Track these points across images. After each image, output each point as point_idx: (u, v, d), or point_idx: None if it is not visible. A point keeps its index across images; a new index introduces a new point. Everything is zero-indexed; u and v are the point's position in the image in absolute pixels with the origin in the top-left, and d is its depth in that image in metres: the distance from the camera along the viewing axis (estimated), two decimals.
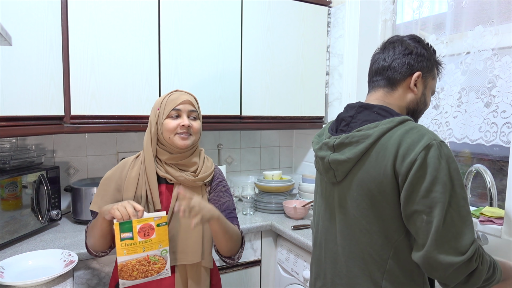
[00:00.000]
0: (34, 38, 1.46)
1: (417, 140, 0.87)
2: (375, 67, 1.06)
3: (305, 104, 2.18)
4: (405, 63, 1.01)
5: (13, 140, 1.80)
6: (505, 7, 1.47)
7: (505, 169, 1.55)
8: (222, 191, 1.34)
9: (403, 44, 1.03)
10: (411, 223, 0.88)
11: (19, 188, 1.53)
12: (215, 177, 1.35)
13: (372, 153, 0.92)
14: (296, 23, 2.09)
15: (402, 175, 0.87)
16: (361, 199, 0.95)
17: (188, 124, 1.22)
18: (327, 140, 1.03)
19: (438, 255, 0.83)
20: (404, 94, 1.02)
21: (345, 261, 1.01)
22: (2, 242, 1.45)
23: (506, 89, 1.42)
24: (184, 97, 1.24)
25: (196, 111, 1.26)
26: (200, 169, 1.28)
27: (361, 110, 1.01)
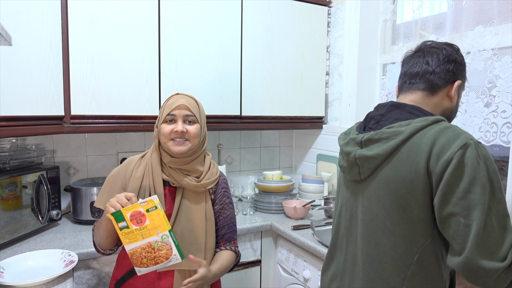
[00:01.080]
0: (34, 38, 1.46)
1: (453, 138, 0.84)
2: (415, 70, 1.02)
3: (305, 104, 2.18)
4: (449, 70, 0.99)
5: (13, 140, 1.80)
6: (505, 7, 1.47)
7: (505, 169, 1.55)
8: (227, 202, 1.32)
9: (444, 51, 1.01)
10: (447, 226, 0.84)
11: (19, 188, 1.53)
12: (220, 185, 1.32)
13: (403, 150, 0.89)
14: (296, 23, 2.09)
15: (437, 174, 0.83)
16: (387, 199, 0.91)
17: (181, 129, 1.17)
18: (354, 136, 1.01)
19: (480, 261, 0.79)
20: (441, 101, 1.00)
21: (362, 264, 0.97)
22: (2, 242, 1.45)
23: (506, 89, 1.42)
24: (180, 101, 1.20)
25: (193, 115, 1.20)
26: (204, 175, 1.25)
27: (392, 109, 0.98)
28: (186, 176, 1.22)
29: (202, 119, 1.25)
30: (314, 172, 2.35)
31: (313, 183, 2.16)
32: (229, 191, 1.36)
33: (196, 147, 1.23)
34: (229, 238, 1.32)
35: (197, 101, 1.26)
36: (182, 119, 1.19)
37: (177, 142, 1.18)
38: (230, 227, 1.32)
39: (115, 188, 1.23)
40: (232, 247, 1.31)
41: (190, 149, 1.21)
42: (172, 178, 1.22)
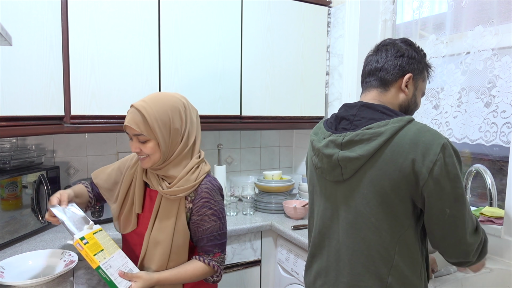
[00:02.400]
0: (34, 38, 1.46)
1: (431, 139, 0.92)
2: (368, 68, 1.10)
3: (305, 104, 2.18)
4: (397, 65, 1.05)
5: (13, 140, 1.80)
6: (505, 7, 1.47)
7: (505, 169, 1.55)
8: (207, 214, 1.19)
9: (395, 47, 1.07)
10: (435, 217, 0.93)
11: (19, 188, 1.53)
12: (200, 194, 1.19)
13: (386, 151, 0.94)
14: (296, 23, 2.09)
15: (424, 174, 0.90)
16: (371, 196, 0.97)
17: (134, 151, 1.14)
18: (333, 138, 1.03)
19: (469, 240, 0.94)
20: (396, 95, 1.06)
21: (348, 259, 1.02)
22: (2, 242, 1.45)
23: (506, 89, 1.42)
24: (127, 119, 1.12)
25: (141, 134, 1.11)
26: (177, 181, 1.16)
27: (363, 109, 1.02)
28: (161, 181, 1.18)
29: (158, 131, 1.11)
30: None
31: None
32: (215, 201, 1.20)
33: (164, 157, 1.15)
34: (208, 252, 1.21)
35: (147, 113, 1.10)
36: (135, 138, 1.14)
37: (141, 159, 1.16)
38: (210, 240, 1.20)
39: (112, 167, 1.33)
40: (207, 259, 1.20)
41: (154, 163, 1.15)
42: (149, 181, 1.21)
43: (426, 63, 1.11)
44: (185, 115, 1.18)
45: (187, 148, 1.19)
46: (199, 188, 1.19)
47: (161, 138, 1.12)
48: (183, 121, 1.17)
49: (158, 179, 1.19)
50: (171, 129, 1.14)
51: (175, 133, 1.15)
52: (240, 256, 1.83)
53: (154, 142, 1.12)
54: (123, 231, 1.27)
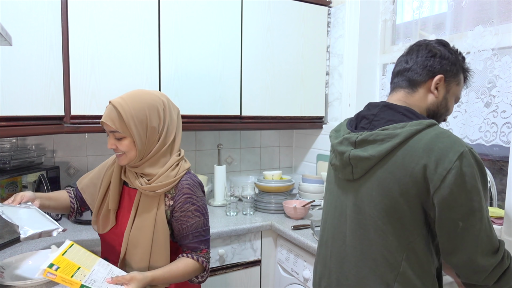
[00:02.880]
0: (34, 38, 1.46)
1: (449, 146, 0.86)
2: (397, 69, 1.06)
3: (305, 104, 2.18)
4: (427, 65, 1.00)
5: (13, 140, 1.80)
6: (505, 7, 1.47)
7: (505, 169, 1.55)
8: (191, 210, 1.17)
9: (427, 47, 1.02)
10: (444, 228, 0.88)
11: (19, 188, 1.53)
12: (181, 190, 1.17)
13: (399, 153, 0.90)
14: (296, 23, 2.09)
15: (435, 181, 0.86)
16: (379, 199, 0.93)
17: (110, 147, 1.14)
18: (348, 136, 1.01)
19: (480, 259, 0.86)
20: (424, 96, 1.01)
21: (355, 262, 0.99)
22: (2, 242, 1.45)
23: (506, 89, 1.42)
24: (104, 115, 1.12)
25: (117, 131, 1.11)
26: (156, 178, 1.15)
27: (385, 109, 0.99)
28: (140, 178, 1.17)
29: (134, 129, 1.10)
30: (314, 172, 2.35)
31: (313, 183, 2.16)
32: (198, 197, 1.19)
33: (140, 155, 1.14)
34: (195, 248, 1.19)
35: (123, 110, 1.10)
36: (111, 135, 1.14)
37: (117, 155, 1.16)
38: (195, 237, 1.18)
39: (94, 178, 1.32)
40: (195, 256, 1.19)
41: (131, 160, 1.15)
42: (128, 179, 1.20)
43: (462, 66, 1.05)
44: (163, 114, 1.17)
45: (165, 146, 1.18)
46: (179, 184, 1.17)
47: (136, 136, 1.11)
48: (161, 120, 1.16)
49: (137, 176, 1.18)
50: (147, 127, 1.13)
51: (152, 131, 1.14)
52: (240, 256, 1.83)
53: (129, 140, 1.12)
54: (102, 230, 1.24)
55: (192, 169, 2.27)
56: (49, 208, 1.28)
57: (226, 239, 1.77)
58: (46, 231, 1.07)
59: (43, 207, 1.22)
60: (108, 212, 1.23)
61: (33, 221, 1.08)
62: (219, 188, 2.14)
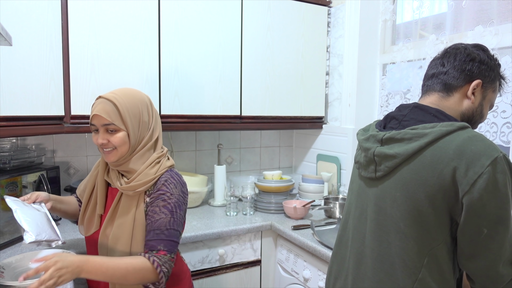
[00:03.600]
0: (34, 38, 1.46)
1: (483, 150, 0.82)
2: (432, 71, 1.03)
3: (305, 104, 2.18)
4: (465, 69, 0.97)
5: (13, 140, 1.80)
6: (505, 7, 1.47)
7: None
8: (160, 206, 1.11)
9: (466, 51, 0.99)
10: (467, 232, 0.85)
11: (19, 188, 1.53)
12: (157, 186, 1.14)
13: (427, 153, 0.87)
14: (296, 23, 2.09)
15: (464, 185, 0.82)
16: (403, 200, 0.90)
17: (101, 142, 1.11)
18: (375, 133, 0.98)
19: (500, 268, 0.83)
20: (460, 101, 0.98)
21: (372, 264, 0.96)
22: (2, 242, 1.45)
23: (506, 89, 1.42)
24: (97, 109, 1.11)
25: (111, 124, 1.10)
26: (135, 176, 1.14)
27: (416, 110, 0.96)
28: (120, 178, 1.17)
29: (129, 122, 1.12)
30: (314, 172, 2.35)
31: (313, 183, 2.16)
32: (171, 194, 1.13)
33: (131, 150, 1.15)
34: (152, 247, 1.08)
35: (118, 103, 1.11)
36: (103, 129, 1.12)
37: (106, 152, 1.13)
38: (156, 235, 1.09)
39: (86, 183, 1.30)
40: (150, 256, 1.06)
41: (121, 156, 1.13)
42: (110, 179, 1.19)
43: (499, 73, 1.02)
44: (152, 110, 1.20)
45: (151, 142, 1.18)
46: (158, 181, 1.15)
47: (131, 129, 1.12)
48: (150, 116, 1.19)
49: (118, 175, 1.17)
50: (140, 121, 1.15)
51: (144, 125, 1.16)
52: (240, 256, 1.83)
53: (123, 133, 1.12)
54: (86, 233, 1.24)
55: (192, 169, 2.28)
56: (60, 212, 1.28)
57: (226, 239, 1.77)
58: (48, 240, 1.07)
59: (54, 210, 1.23)
60: (93, 215, 1.22)
61: (39, 227, 1.06)
62: (219, 188, 2.14)
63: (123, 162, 1.16)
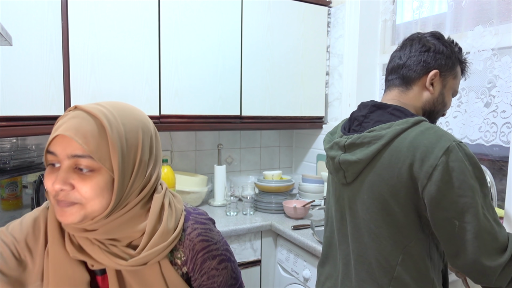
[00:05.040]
0: (34, 38, 1.46)
1: (434, 141, 0.82)
2: (391, 65, 1.03)
3: (305, 104, 2.18)
4: (421, 60, 0.97)
5: (13, 140, 1.80)
6: (505, 7, 1.47)
7: (505, 169, 1.55)
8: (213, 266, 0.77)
9: (421, 41, 0.99)
10: (441, 229, 0.84)
11: (19, 188, 1.53)
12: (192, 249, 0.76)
13: (385, 155, 0.88)
14: (296, 23, 2.09)
15: (422, 179, 0.82)
16: (371, 202, 0.91)
17: (59, 187, 0.63)
18: (338, 140, 0.99)
19: (485, 261, 0.80)
20: (419, 94, 0.98)
21: (354, 264, 0.98)
22: None
23: (506, 89, 1.42)
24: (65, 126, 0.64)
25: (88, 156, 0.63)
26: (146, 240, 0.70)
27: (374, 110, 0.97)
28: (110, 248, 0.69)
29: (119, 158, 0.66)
30: (314, 172, 2.35)
31: (313, 183, 2.16)
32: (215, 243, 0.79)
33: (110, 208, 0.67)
34: None
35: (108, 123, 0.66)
36: (69, 163, 0.64)
37: (61, 204, 0.65)
38: None
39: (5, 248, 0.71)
40: None
41: (87, 217, 0.66)
42: (87, 257, 0.69)
43: (459, 58, 1.01)
44: (155, 141, 0.76)
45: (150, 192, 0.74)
46: (186, 241, 0.76)
47: (120, 171, 0.66)
48: (153, 152, 0.74)
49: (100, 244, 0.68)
50: (138, 159, 0.70)
51: (142, 167, 0.71)
52: (240, 256, 1.83)
53: (105, 177, 0.65)
54: None
55: (192, 169, 2.27)
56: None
57: (226, 239, 1.77)
58: None
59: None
60: None
61: None
62: (219, 188, 2.14)
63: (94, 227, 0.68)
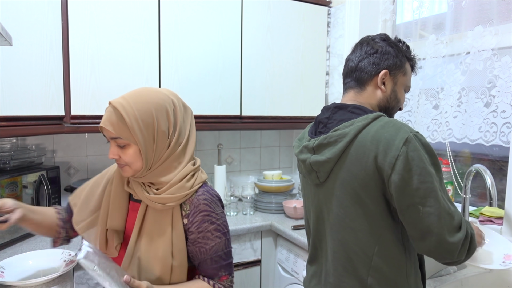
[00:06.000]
0: (34, 38, 1.46)
1: (394, 134, 0.89)
2: (345, 69, 1.09)
3: (305, 104, 2.18)
4: (371, 62, 1.04)
5: (13, 140, 1.80)
6: (505, 7, 1.47)
7: (505, 169, 1.55)
8: (210, 230, 0.98)
9: (369, 43, 1.06)
10: (407, 215, 0.89)
11: (19, 188, 1.53)
12: (196, 206, 0.98)
13: (351, 151, 0.94)
14: (296, 23, 2.09)
15: (387, 170, 0.89)
16: (344, 198, 0.97)
17: (112, 157, 0.95)
18: (306, 143, 1.05)
19: (449, 238, 0.87)
20: (373, 93, 1.05)
21: (332, 261, 1.03)
22: (2, 242, 1.45)
23: (506, 89, 1.42)
24: (103, 119, 0.94)
25: (119, 138, 0.92)
26: (167, 188, 0.96)
27: (336, 111, 1.03)
28: (147, 187, 0.98)
29: (139, 135, 0.93)
30: None
31: None
32: (217, 214, 1.00)
33: (147, 166, 0.96)
34: (213, 275, 1.01)
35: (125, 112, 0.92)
36: (113, 142, 0.96)
37: (120, 166, 0.97)
38: (215, 262, 0.99)
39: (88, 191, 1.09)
40: (212, 281, 1.00)
41: (136, 171, 0.96)
42: (132, 190, 1.00)
43: (406, 56, 1.08)
44: (173, 115, 0.99)
45: (175, 152, 0.99)
46: (195, 199, 0.99)
47: (142, 143, 0.93)
48: (171, 122, 0.98)
49: (144, 186, 0.99)
50: (155, 132, 0.95)
51: (161, 136, 0.96)
52: (240, 256, 1.83)
53: (134, 148, 0.94)
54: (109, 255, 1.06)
55: None
56: (31, 223, 1.04)
57: None
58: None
59: (25, 220, 1.00)
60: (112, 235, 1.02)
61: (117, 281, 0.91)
62: (219, 188, 2.14)
63: (142, 176, 0.98)
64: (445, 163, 1.70)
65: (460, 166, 1.77)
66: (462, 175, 1.56)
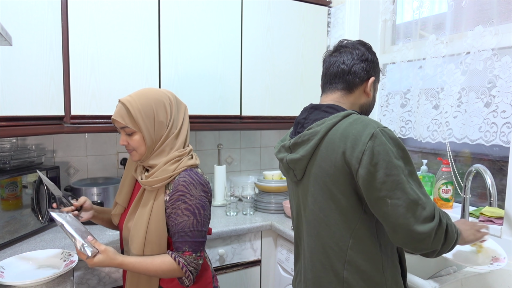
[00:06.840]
0: (34, 38, 1.46)
1: (361, 130, 0.92)
2: (334, 70, 1.10)
3: (305, 104, 2.16)
4: (364, 68, 1.08)
5: (13, 140, 1.80)
6: (505, 7, 1.47)
7: (505, 169, 1.55)
8: (181, 208, 1.14)
9: (359, 49, 1.09)
10: (377, 208, 0.92)
11: (19, 188, 1.53)
12: (176, 186, 1.15)
13: (322, 148, 0.98)
14: (296, 23, 2.09)
15: (354, 164, 0.91)
16: (317, 193, 1.01)
17: (122, 144, 1.20)
18: (284, 143, 1.11)
19: (418, 228, 0.88)
20: (359, 96, 1.10)
21: (309, 257, 1.06)
22: (2, 242, 1.45)
23: (506, 89, 1.42)
24: (114, 112, 1.19)
25: (126, 127, 1.16)
26: (155, 171, 1.17)
27: (312, 111, 1.08)
28: (143, 173, 1.23)
29: (142, 124, 1.15)
30: None
31: None
32: (191, 195, 1.15)
33: (149, 150, 1.19)
34: (178, 248, 1.15)
35: (130, 106, 1.15)
36: (123, 131, 1.19)
37: (129, 152, 1.22)
38: (180, 236, 1.14)
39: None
40: (174, 255, 1.14)
41: (141, 155, 1.20)
42: (136, 174, 1.26)
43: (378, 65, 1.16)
44: (170, 108, 1.21)
45: (169, 139, 1.20)
46: (176, 180, 1.16)
47: (145, 130, 1.16)
48: (168, 114, 1.20)
49: (142, 170, 1.24)
50: (155, 122, 1.17)
51: (160, 125, 1.18)
52: (240, 256, 1.83)
53: (139, 135, 1.16)
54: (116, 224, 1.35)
55: None
56: (102, 221, 1.39)
57: (226, 239, 1.77)
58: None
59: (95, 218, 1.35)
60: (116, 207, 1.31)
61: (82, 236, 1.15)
62: (219, 188, 2.14)
63: (145, 159, 1.21)
64: (445, 163, 1.70)
65: (460, 166, 1.77)
66: (462, 175, 1.56)
